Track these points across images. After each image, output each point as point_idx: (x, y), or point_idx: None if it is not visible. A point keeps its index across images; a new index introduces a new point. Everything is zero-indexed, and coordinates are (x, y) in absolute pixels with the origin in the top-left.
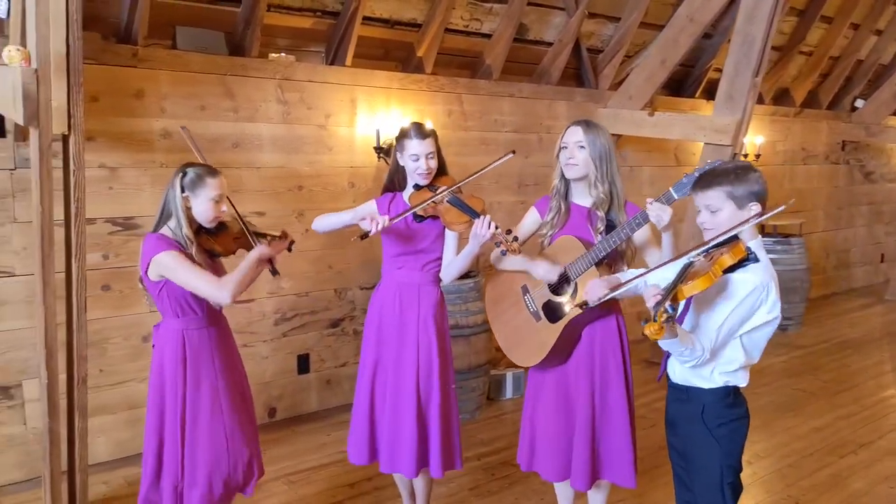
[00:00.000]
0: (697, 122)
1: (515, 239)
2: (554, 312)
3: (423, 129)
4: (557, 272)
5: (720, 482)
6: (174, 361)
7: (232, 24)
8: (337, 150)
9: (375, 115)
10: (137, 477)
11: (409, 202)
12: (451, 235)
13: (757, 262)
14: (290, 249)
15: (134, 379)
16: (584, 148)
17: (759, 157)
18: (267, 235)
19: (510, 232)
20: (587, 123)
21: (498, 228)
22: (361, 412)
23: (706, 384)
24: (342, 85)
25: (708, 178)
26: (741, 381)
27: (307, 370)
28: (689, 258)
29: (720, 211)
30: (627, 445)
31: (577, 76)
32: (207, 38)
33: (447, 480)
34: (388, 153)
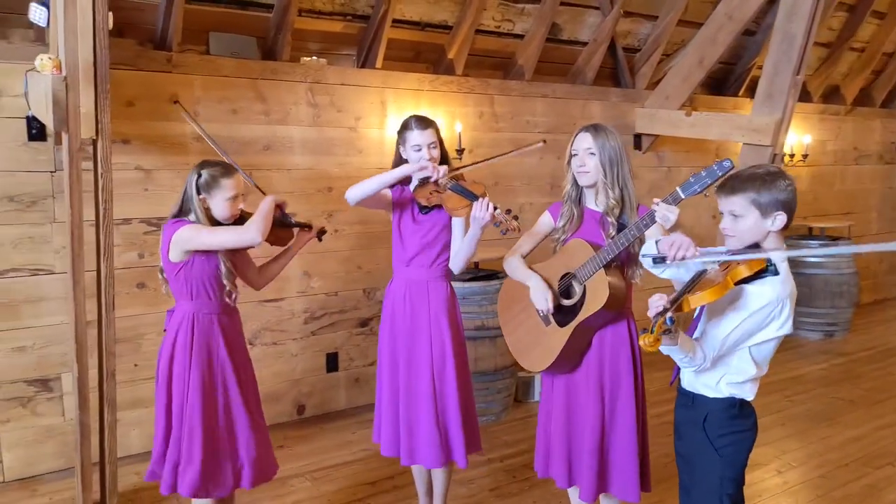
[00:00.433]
0: (735, 121)
1: (516, 218)
2: (563, 316)
3: (423, 119)
4: (547, 299)
5: (719, 493)
6: (183, 343)
7: (264, 29)
8: (367, 151)
9: (405, 116)
10: None
11: (413, 194)
12: (457, 224)
13: (776, 274)
14: (320, 239)
15: None
16: (594, 154)
17: (806, 157)
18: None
19: (510, 212)
20: (595, 129)
21: (497, 209)
22: (388, 407)
23: (711, 393)
24: (372, 87)
25: (734, 182)
26: (748, 394)
27: (336, 368)
28: (703, 266)
29: (743, 218)
30: (632, 457)
31: (613, 76)
32: (240, 43)
33: (468, 480)
34: None
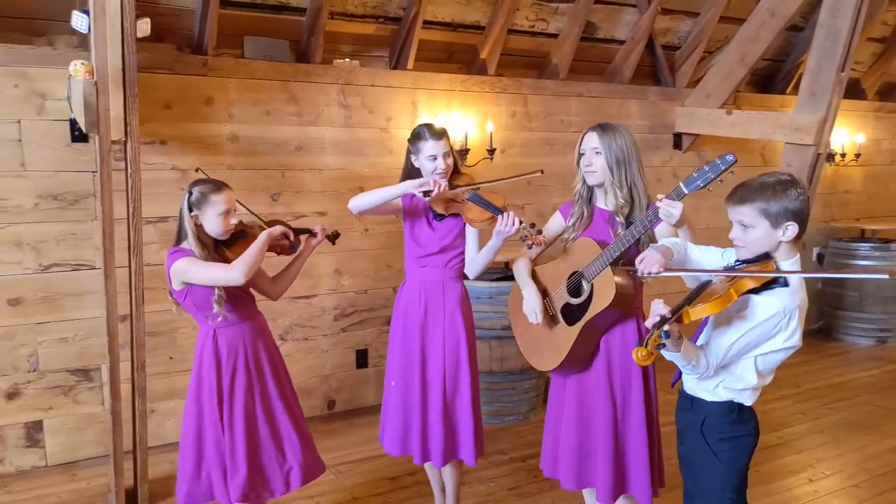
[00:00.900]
0: (777, 120)
1: (539, 232)
2: (572, 315)
3: (436, 129)
4: (536, 312)
5: (720, 498)
6: (210, 361)
7: (297, 32)
8: (398, 152)
9: (436, 117)
10: None
11: (429, 202)
12: (472, 232)
13: (786, 285)
14: (333, 242)
15: None
16: (600, 153)
17: (858, 156)
18: (301, 231)
19: (534, 225)
20: (602, 128)
21: (522, 223)
22: (395, 406)
23: (709, 397)
24: (403, 88)
25: (743, 191)
26: (746, 400)
27: (365, 365)
28: (709, 276)
29: (753, 228)
30: (644, 459)
31: (652, 74)
32: (273, 46)
33: (488, 479)
34: None
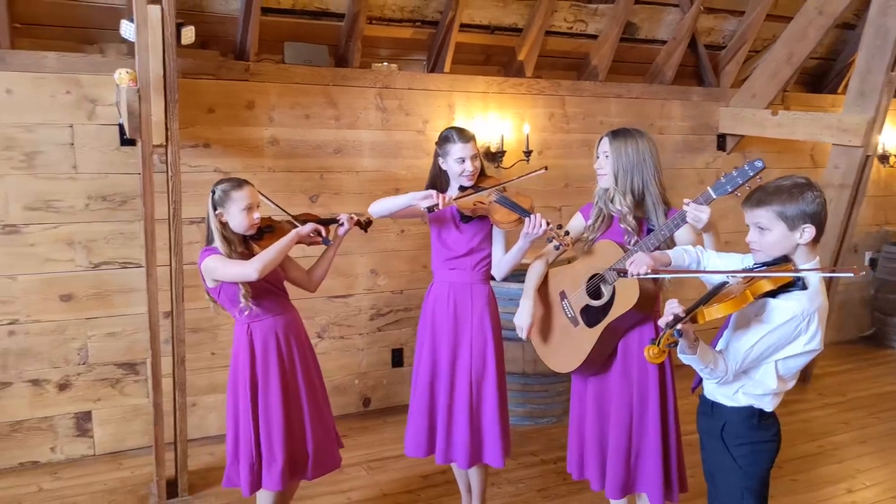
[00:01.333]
0: (824, 121)
1: (567, 233)
2: (592, 317)
3: (465, 132)
4: (523, 328)
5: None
6: (245, 354)
7: (335, 37)
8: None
9: (473, 119)
10: None
11: (457, 204)
12: (499, 233)
13: (804, 289)
14: (364, 229)
15: None
16: (609, 158)
17: None
18: (327, 221)
19: (561, 227)
20: (615, 133)
21: (549, 224)
22: (420, 407)
23: (729, 402)
24: (440, 91)
25: (760, 194)
26: (767, 405)
27: (401, 364)
28: (726, 277)
29: (769, 231)
30: (657, 459)
31: (696, 74)
32: (313, 51)
33: (517, 480)
34: (484, 156)
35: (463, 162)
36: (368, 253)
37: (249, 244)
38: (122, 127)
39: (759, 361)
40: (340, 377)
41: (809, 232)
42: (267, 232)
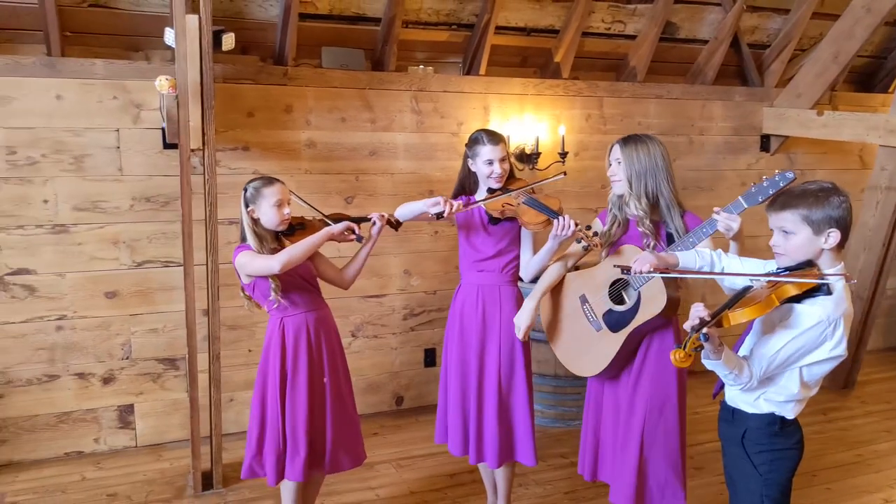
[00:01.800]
0: (871, 121)
1: (595, 234)
2: (616, 322)
3: (495, 134)
4: (521, 328)
5: None
6: (277, 347)
7: (372, 41)
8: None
9: (508, 121)
10: None
11: (484, 206)
12: (527, 235)
13: (829, 294)
14: (395, 228)
15: None
16: (622, 164)
17: None
18: (357, 220)
19: (589, 227)
20: (625, 140)
21: (577, 225)
22: (455, 407)
23: (750, 409)
24: (475, 93)
25: (785, 198)
26: (788, 413)
27: (433, 364)
28: (750, 280)
29: (794, 235)
30: (673, 465)
31: (739, 74)
32: (349, 56)
33: (545, 482)
34: (519, 158)
35: (491, 164)
36: (402, 254)
37: (281, 240)
38: (164, 131)
39: (784, 367)
40: (374, 375)
41: (835, 237)
42: (298, 228)
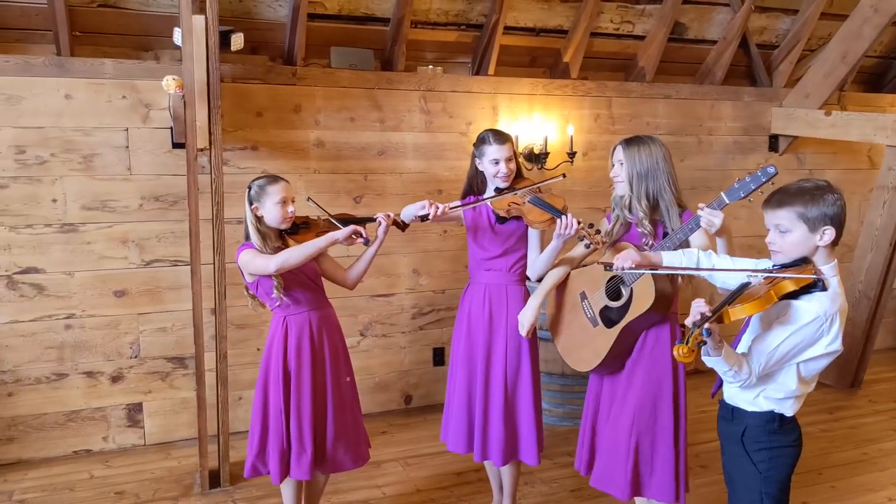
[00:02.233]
0: (878, 121)
1: (598, 232)
2: (611, 318)
3: (501, 134)
4: (527, 325)
5: None
6: (279, 346)
7: (381, 41)
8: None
9: (517, 121)
10: None
11: (491, 206)
12: (533, 234)
13: (824, 290)
14: (402, 229)
15: None
16: (624, 165)
17: None
18: (363, 220)
19: (592, 226)
20: (628, 141)
21: (581, 223)
22: (461, 406)
23: (749, 407)
24: (484, 93)
25: (781, 196)
26: (787, 410)
27: (442, 362)
28: (748, 277)
29: (790, 232)
30: (670, 459)
31: (748, 74)
32: (358, 55)
33: (551, 480)
34: (528, 158)
35: (497, 163)
36: (411, 253)
37: (285, 239)
38: (173, 130)
39: (782, 363)
40: (383, 374)
41: (829, 234)
42: (302, 227)
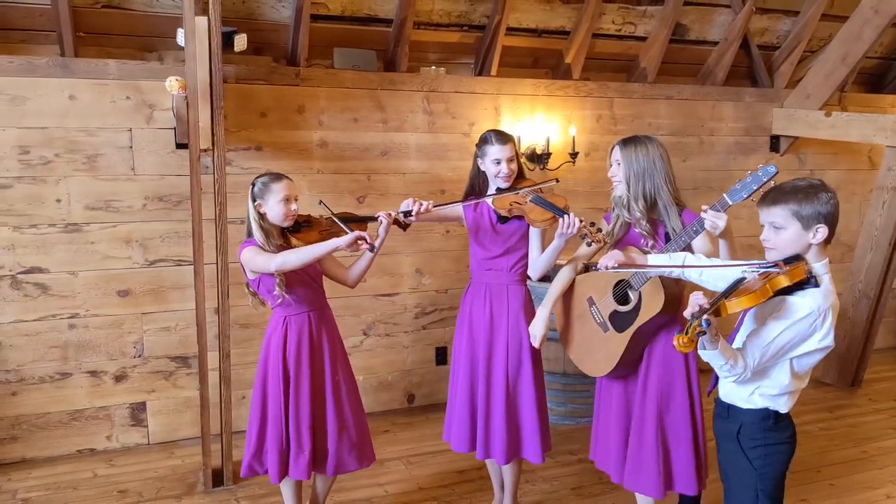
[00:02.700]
0: (878, 122)
1: (600, 230)
2: (621, 322)
3: (503, 134)
4: (539, 336)
5: None
6: (278, 345)
7: (384, 42)
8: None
9: (519, 121)
10: None
11: (492, 205)
12: (535, 234)
13: (816, 286)
14: (404, 229)
15: None
16: (621, 166)
17: None
18: (364, 219)
19: (594, 224)
20: (625, 142)
21: (582, 222)
22: (462, 404)
23: (745, 404)
24: (486, 94)
25: (775, 194)
26: (782, 407)
27: (444, 362)
28: (742, 272)
29: (784, 230)
30: (689, 454)
31: (749, 75)
32: (361, 56)
33: (552, 478)
34: (530, 158)
35: (499, 164)
36: (414, 253)
37: (287, 237)
38: (176, 131)
39: (777, 358)
40: (386, 373)
41: (822, 232)
42: (304, 226)
